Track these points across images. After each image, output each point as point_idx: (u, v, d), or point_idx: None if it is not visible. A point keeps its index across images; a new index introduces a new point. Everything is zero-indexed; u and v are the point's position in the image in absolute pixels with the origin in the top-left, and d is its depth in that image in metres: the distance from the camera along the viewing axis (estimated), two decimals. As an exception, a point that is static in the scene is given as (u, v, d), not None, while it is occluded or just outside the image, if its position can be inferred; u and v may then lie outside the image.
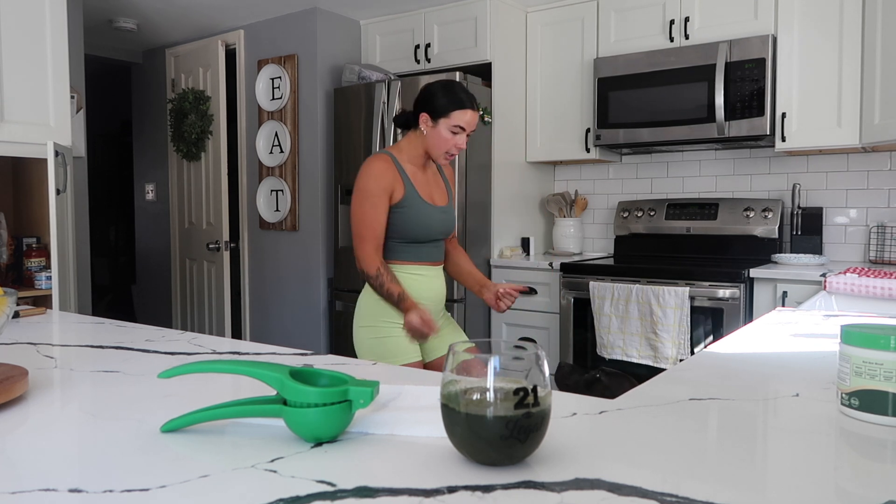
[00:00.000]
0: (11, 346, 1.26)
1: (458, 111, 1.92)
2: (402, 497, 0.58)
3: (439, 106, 1.93)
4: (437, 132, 1.94)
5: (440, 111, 1.93)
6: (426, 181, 2.05)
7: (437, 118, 1.93)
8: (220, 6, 3.97)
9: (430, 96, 1.95)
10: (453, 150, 1.96)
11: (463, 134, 1.95)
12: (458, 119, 1.92)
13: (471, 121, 1.95)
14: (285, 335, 4.15)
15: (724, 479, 0.63)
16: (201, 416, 0.76)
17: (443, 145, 1.95)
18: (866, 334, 0.79)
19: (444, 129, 1.93)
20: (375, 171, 1.94)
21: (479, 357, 0.65)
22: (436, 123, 1.94)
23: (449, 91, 1.94)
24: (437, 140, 1.95)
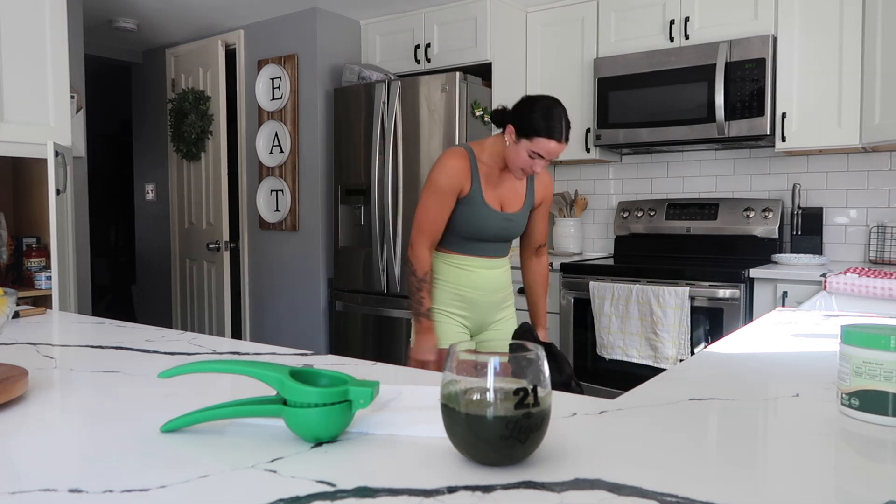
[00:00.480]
0: (11, 346, 1.26)
1: (543, 139, 1.85)
2: (402, 497, 0.58)
3: (527, 126, 1.86)
4: (516, 149, 1.89)
5: (527, 132, 1.86)
6: (498, 184, 2.02)
7: (521, 137, 1.88)
8: (220, 6, 3.97)
9: (526, 112, 1.88)
10: (528, 171, 1.92)
11: (542, 160, 1.89)
12: (540, 147, 1.86)
13: (553, 150, 1.87)
14: (285, 335, 4.15)
15: (724, 480, 0.63)
16: (201, 416, 0.76)
17: (519, 163, 1.90)
18: (866, 334, 0.79)
19: (524, 150, 1.88)
20: (449, 168, 1.93)
21: (479, 357, 0.65)
22: (518, 140, 1.88)
23: (544, 115, 1.86)
24: (515, 156, 1.90)
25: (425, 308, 1.94)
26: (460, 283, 2.02)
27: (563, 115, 1.89)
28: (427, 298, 1.94)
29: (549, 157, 1.88)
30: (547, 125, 1.85)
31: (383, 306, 3.68)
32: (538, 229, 2.18)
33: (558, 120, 1.87)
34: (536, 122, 1.85)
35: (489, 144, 1.99)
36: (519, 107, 1.91)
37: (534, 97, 1.93)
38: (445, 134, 3.41)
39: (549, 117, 1.86)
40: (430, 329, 1.94)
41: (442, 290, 2.04)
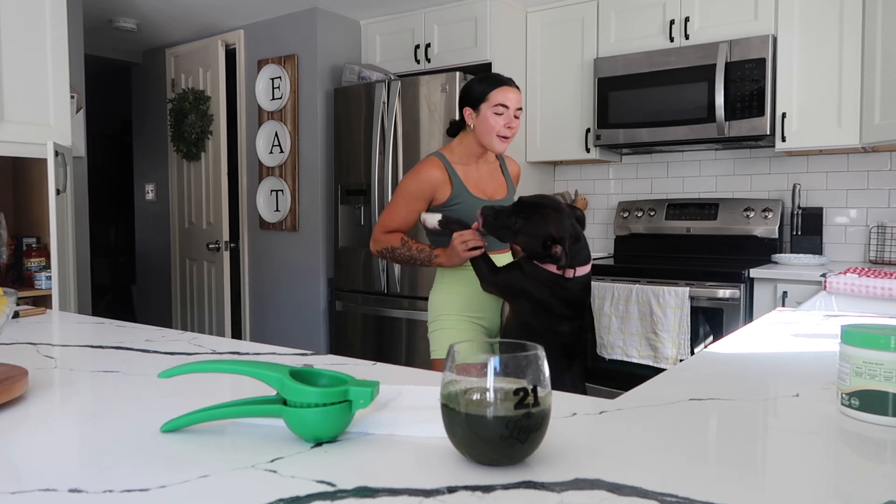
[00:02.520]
0: (11, 346, 1.26)
1: (497, 90, 1.91)
2: (402, 497, 0.58)
3: (477, 93, 1.93)
4: (483, 119, 1.93)
5: (479, 98, 1.93)
6: (480, 177, 2.06)
7: (478, 105, 1.93)
8: (220, 6, 3.97)
9: (468, 90, 1.97)
10: (504, 132, 1.94)
11: (509, 112, 1.93)
12: (499, 98, 1.91)
13: (513, 98, 1.93)
14: (285, 335, 4.15)
15: (724, 479, 0.63)
16: (201, 416, 0.76)
17: (491, 129, 1.93)
18: (866, 334, 0.79)
19: (489, 113, 1.92)
20: (422, 177, 1.97)
21: (479, 357, 0.65)
22: (479, 111, 1.94)
23: (483, 78, 1.96)
24: (486, 126, 1.93)
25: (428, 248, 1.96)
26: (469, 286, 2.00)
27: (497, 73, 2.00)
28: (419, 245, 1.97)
29: (513, 105, 1.93)
30: (491, 80, 1.95)
31: (383, 306, 3.68)
32: None
33: (496, 74, 1.98)
34: (480, 85, 1.94)
35: (455, 145, 2.04)
36: (462, 93, 2.00)
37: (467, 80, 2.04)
38: (445, 134, 3.41)
39: (486, 76, 1.96)
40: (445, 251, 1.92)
41: (453, 297, 2.03)
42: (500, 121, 1.93)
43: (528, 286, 1.77)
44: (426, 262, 1.97)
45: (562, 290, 1.74)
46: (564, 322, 1.77)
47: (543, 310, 1.76)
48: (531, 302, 1.77)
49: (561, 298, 1.74)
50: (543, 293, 1.75)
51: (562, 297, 1.74)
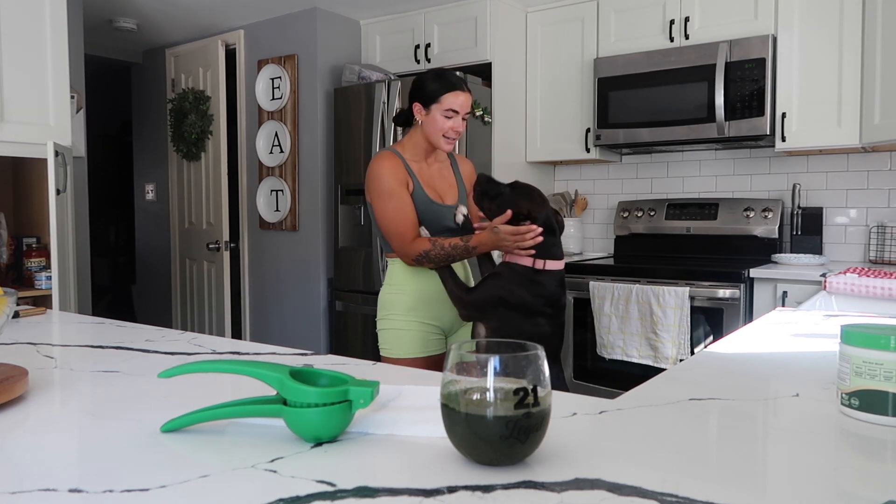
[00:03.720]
0: (11, 346, 1.26)
1: (450, 94, 1.91)
2: (402, 497, 0.58)
3: (430, 92, 1.93)
4: (431, 119, 1.93)
5: (431, 97, 1.92)
6: (431, 177, 2.04)
7: (429, 104, 1.93)
8: (220, 6, 3.97)
9: (420, 84, 1.96)
10: (450, 134, 1.95)
11: (457, 116, 1.93)
12: (450, 102, 1.91)
13: (463, 103, 1.93)
14: (285, 335, 4.15)
15: (724, 479, 0.63)
16: (201, 416, 0.76)
17: (439, 130, 1.94)
18: (866, 334, 0.79)
19: (438, 115, 1.92)
20: (387, 169, 1.94)
21: (479, 357, 0.65)
22: (429, 110, 1.94)
23: (438, 77, 1.94)
24: (433, 126, 1.94)
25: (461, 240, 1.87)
26: (421, 285, 1.99)
27: (452, 71, 1.97)
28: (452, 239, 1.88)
29: (462, 110, 1.92)
30: (444, 81, 1.92)
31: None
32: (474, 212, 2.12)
33: (452, 74, 1.95)
34: (433, 84, 1.92)
35: (406, 142, 2.03)
36: (414, 86, 1.98)
37: (420, 73, 2.02)
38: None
39: (441, 76, 1.94)
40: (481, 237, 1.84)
41: (404, 297, 2.00)
42: (448, 123, 1.93)
43: (504, 293, 1.77)
44: (465, 255, 1.90)
45: (538, 285, 1.77)
46: (543, 320, 1.77)
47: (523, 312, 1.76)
48: (509, 307, 1.77)
49: (537, 294, 1.77)
50: (521, 293, 1.76)
51: (538, 293, 1.77)
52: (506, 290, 1.78)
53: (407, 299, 2.00)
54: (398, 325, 2.00)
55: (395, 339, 2.01)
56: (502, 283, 1.80)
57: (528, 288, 1.77)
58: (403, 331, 1.99)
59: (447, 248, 1.89)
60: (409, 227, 1.92)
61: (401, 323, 2.00)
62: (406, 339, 1.99)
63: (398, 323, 2.00)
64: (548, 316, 1.78)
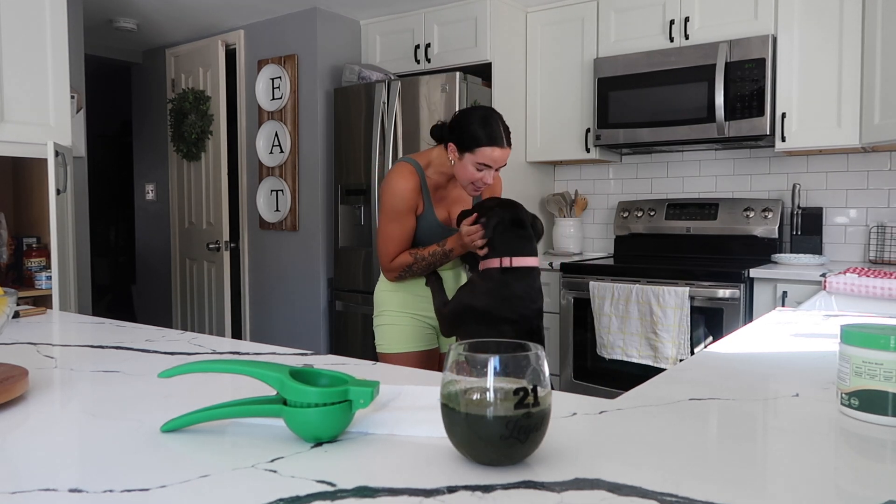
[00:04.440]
0: (11, 346, 1.26)
1: (487, 148, 1.80)
2: (402, 497, 0.58)
3: (467, 139, 1.82)
4: (462, 165, 1.84)
5: (468, 145, 1.82)
6: (447, 196, 2.00)
7: (464, 151, 1.83)
8: (220, 6, 3.97)
9: (464, 126, 1.84)
10: (479, 184, 1.87)
11: (490, 170, 1.84)
12: (485, 157, 1.81)
13: (499, 158, 1.83)
14: (285, 335, 4.15)
15: (724, 479, 0.63)
16: (201, 416, 0.76)
17: (468, 178, 1.86)
18: (866, 334, 0.79)
19: (469, 164, 1.83)
20: (400, 192, 1.89)
21: (479, 357, 0.65)
22: (462, 157, 1.84)
23: (483, 125, 1.81)
24: (464, 172, 1.85)
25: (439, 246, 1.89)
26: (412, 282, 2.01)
27: (500, 120, 1.85)
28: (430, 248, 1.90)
29: (496, 165, 1.84)
30: (486, 133, 1.80)
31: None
32: None
33: (496, 126, 1.83)
34: (475, 133, 1.81)
35: (435, 157, 1.94)
36: (455, 122, 1.87)
37: (467, 109, 1.90)
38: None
39: (486, 125, 1.81)
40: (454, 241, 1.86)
41: (393, 294, 2.04)
42: (478, 174, 1.84)
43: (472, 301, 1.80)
44: (445, 260, 1.91)
45: (505, 286, 1.78)
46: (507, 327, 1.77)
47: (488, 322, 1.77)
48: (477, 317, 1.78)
49: (504, 297, 1.77)
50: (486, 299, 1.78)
51: (505, 296, 1.77)
52: (474, 298, 1.81)
53: (399, 296, 2.03)
54: (391, 320, 2.04)
55: (388, 335, 2.04)
56: (471, 291, 1.84)
57: (495, 291, 1.78)
58: (396, 326, 2.03)
59: (427, 257, 1.90)
60: (397, 251, 1.94)
61: (393, 318, 2.03)
62: (398, 334, 2.03)
63: (391, 319, 2.04)
64: (511, 322, 1.77)
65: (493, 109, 1.88)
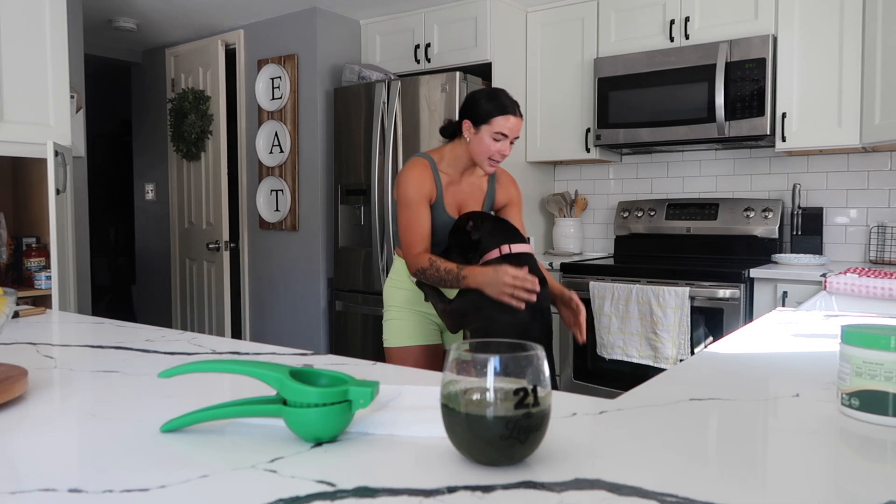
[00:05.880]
0: (11, 346, 1.26)
1: (500, 117, 1.90)
2: (402, 497, 0.58)
3: (482, 112, 1.91)
4: (479, 139, 1.92)
5: (482, 117, 1.91)
6: (459, 191, 2.04)
7: (479, 125, 1.92)
8: (220, 6, 3.97)
9: (473, 103, 1.94)
10: (497, 157, 1.95)
11: (506, 140, 1.93)
12: (500, 125, 1.90)
13: (514, 127, 1.92)
14: (285, 335, 4.15)
15: (724, 479, 0.63)
16: (201, 416, 0.76)
17: (485, 151, 1.93)
18: (866, 334, 0.79)
19: (487, 136, 1.91)
20: (415, 181, 1.95)
21: (479, 357, 0.65)
22: (478, 130, 1.92)
23: (492, 98, 1.93)
24: (480, 146, 1.93)
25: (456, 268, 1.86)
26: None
27: (506, 93, 1.96)
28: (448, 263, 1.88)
29: (512, 134, 1.92)
30: (498, 104, 1.91)
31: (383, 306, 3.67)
32: None
33: (505, 97, 1.94)
34: (487, 106, 1.91)
35: (448, 151, 2.02)
36: (466, 102, 1.97)
37: (476, 90, 2.00)
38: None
39: (495, 97, 1.93)
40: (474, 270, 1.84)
41: (400, 291, 2.09)
42: (495, 146, 1.92)
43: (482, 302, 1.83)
44: (455, 284, 1.88)
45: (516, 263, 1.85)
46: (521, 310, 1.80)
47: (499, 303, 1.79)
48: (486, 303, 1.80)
49: None
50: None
51: None
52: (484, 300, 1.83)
53: (405, 293, 2.09)
54: (397, 315, 2.09)
55: (393, 329, 2.10)
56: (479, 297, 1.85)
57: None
58: (401, 321, 2.08)
59: (441, 272, 1.89)
60: (418, 239, 1.94)
61: (399, 314, 2.09)
62: (403, 329, 2.08)
63: (396, 314, 2.09)
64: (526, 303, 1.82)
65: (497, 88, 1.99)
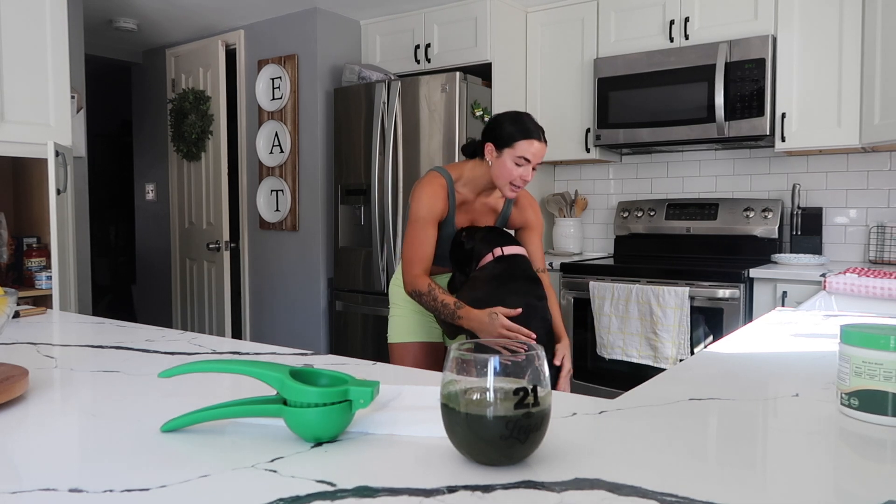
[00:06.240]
0: (11, 346, 1.26)
1: (524, 142, 1.86)
2: (402, 497, 0.58)
3: (505, 135, 1.88)
4: (501, 162, 1.89)
5: (505, 140, 1.88)
6: (472, 209, 2.03)
7: (502, 148, 1.88)
8: (220, 6, 3.97)
9: (497, 126, 1.91)
10: (518, 182, 1.91)
11: (528, 166, 1.89)
12: (523, 150, 1.86)
13: (537, 152, 1.88)
14: (285, 335, 4.15)
15: (724, 479, 0.63)
16: (201, 416, 0.76)
17: (507, 175, 1.89)
18: (866, 334, 0.79)
19: (509, 160, 1.87)
20: (427, 199, 1.92)
21: (479, 357, 0.65)
22: (500, 153, 1.89)
23: (515, 121, 1.90)
24: (502, 170, 1.89)
25: (453, 304, 1.86)
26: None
27: (531, 117, 1.93)
28: (447, 296, 1.88)
29: (535, 159, 1.89)
30: (522, 128, 1.88)
31: (383, 306, 3.68)
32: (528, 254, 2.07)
33: (530, 121, 1.91)
34: (512, 129, 1.88)
35: (468, 170, 1.98)
36: (490, 124, 1.93)
37: (500, 113, 1.98)
38: (445, 134, 3.41)
39: (520, 121, 1.90)
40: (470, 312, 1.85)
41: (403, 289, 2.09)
42: (517, 170, 1.88)
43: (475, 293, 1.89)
44: (450, 318, 1.87)
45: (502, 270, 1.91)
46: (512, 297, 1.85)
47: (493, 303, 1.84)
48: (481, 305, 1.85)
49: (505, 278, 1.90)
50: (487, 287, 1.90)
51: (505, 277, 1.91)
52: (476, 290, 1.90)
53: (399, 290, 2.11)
54: (400, 312, 2.12)
55: (396, 326, 2.12)
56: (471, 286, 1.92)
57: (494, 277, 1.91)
58: (404, 318, 2.11)
59: (437, 303, 1.88)
60: (418, 259, 1.93)
61: (402, 311, 2.11)
62: (405, 326, 2.10)
63: (400, 311, 2.12)
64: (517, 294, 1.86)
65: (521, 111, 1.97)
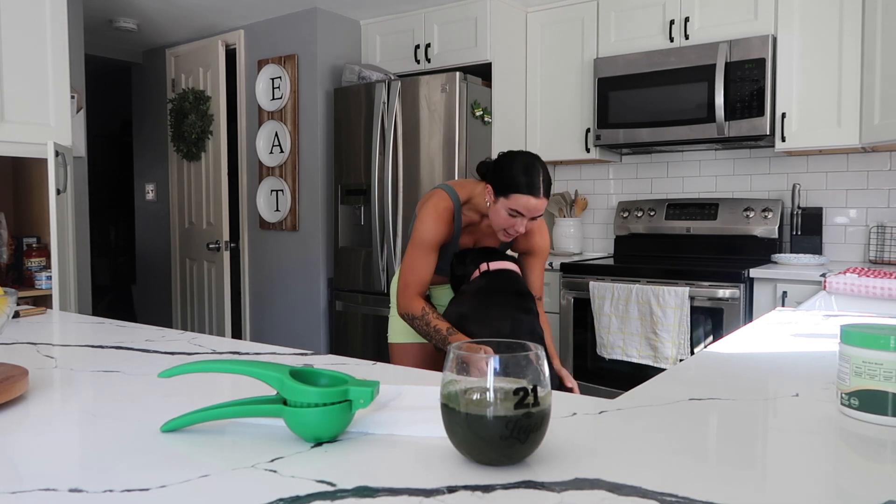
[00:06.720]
0: (11, 345, 1.26)
1: (521, 196, 1.75)
2: (402, 497, 0.58)
3: (504, 183, 1.76)
4: (496, 209, 1.80)
5: (503, 189, 1.77)
6: (477, 230, 1.97)
7: (498, 195, 1.78)
8: (220, 6, 3.97)
9: (500, 167, 1.79)
10: (511, 232, 1.82)
11: (523, 219, 1.79)
12: (518, 204, 1.76)
13: (533, 208, 1.76)
14: (285, 335, 4.15)
15: (724, 479, 0.63)
16: (201, 416, 0.76)
17: (500, 223, 1.81)
18: (866, 334, 0.79)
19: (503, 209, 1.78)
20: (432, 223, 1.85)
21: (479, 357, 0.65)
22: (496, 200, 1.79)
23: (522, 171, 1.76)
24: (496, 216, 1.81)
25: (445, 330, 1.80)
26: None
27: (542, 169, 1.79)
28: (440, 322, 1.83)
29: (529, 214, 1.78)
30: (525, 181, 1.75)
31: (383, 306, 3.68)
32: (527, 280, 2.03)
33: (536, 175, 1.77)
34: (512, 178, 1.76)
35: (477, 194, 1.89)
36: (496, 163, 1.83)
37: (513, 152, 1.84)
38: (445, 134, 3.41)
39: (526, 172, 1.76)
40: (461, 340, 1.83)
41: None
42: (510, 220, 1.79)
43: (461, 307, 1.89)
44: (439, 345, 1.82)
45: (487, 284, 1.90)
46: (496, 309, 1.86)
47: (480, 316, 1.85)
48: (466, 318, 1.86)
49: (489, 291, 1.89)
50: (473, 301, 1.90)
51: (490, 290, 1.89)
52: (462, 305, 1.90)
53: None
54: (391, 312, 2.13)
55: (395, 326, 2.10)
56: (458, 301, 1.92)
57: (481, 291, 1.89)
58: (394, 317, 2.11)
59: (429, 328, 1.83)
60: (415, 283, 1.88)
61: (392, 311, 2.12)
62: (404, 326, 2.06)
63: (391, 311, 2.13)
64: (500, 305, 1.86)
65: (537, 157, 1.81)
